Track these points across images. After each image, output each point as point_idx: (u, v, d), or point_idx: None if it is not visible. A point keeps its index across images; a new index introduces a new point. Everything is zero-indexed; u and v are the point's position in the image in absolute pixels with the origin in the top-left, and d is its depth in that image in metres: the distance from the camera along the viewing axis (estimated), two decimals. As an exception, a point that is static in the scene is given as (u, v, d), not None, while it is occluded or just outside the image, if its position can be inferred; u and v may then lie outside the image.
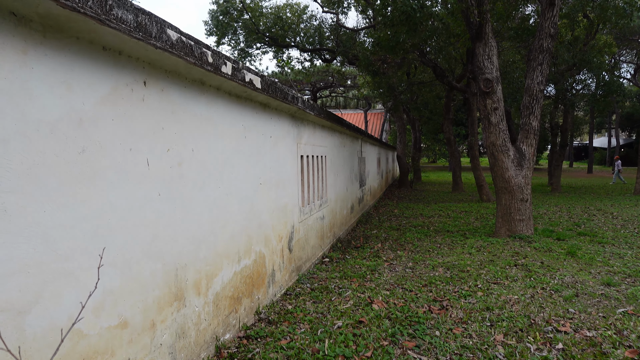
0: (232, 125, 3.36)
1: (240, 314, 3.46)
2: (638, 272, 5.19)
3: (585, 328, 3.56)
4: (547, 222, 9.09)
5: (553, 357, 3.05)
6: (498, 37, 11.48)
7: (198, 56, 2.58)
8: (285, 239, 4.61)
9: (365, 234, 8.19)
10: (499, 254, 6.23)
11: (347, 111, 34.99)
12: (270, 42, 15.42)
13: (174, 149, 2.56)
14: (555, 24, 7.24)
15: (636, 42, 22.90)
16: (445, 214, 10.74)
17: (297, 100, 4.54)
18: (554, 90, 16.73)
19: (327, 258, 6.18)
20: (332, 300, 4.26)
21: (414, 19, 6.91)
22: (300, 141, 5.22)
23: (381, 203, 13.70)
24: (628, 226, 8.55)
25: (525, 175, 7.42)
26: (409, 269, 5.50)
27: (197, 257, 2.84)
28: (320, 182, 6.22)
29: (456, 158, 17.53)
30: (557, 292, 4.48)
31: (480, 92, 7.37)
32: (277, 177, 4.34)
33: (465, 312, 3.93)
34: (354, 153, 9.41)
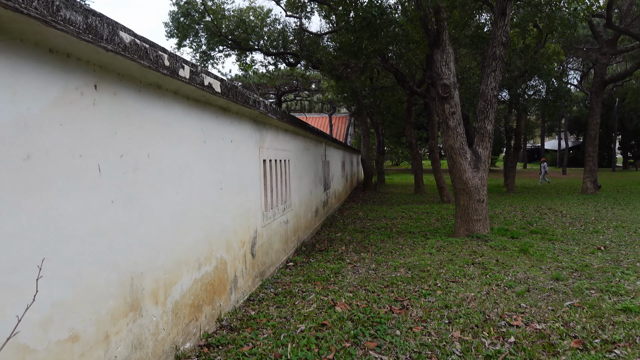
0: (191, 129, 3.32)
1: (201, 322, 3.41)
2: (584, 267, 5.49)
3: (536, 321, 3.73)
4: (502, 222, 9.44)
5: (506, 350, 3.18)
6: (455, 44, 11.86)
7: (154, 59, 2.54)
8: (248, 244, 4.58)
9: (329, 237, 8.24)
10: (457, 253, 6.42)
11: (312, 115, 35.12)
12: (233, 45, 15.28)
13: (128, 155, 2.50)
14: (507, 33, 7.56)
15: (582, 50, 24.21)
16: (407, 216, 10.96)
17: (259, 104, 4.53)
18: (507, 96, 17.42)
19: (292, 262, 6.18)
20: (295, 305, 4.26)
21: (375, 25, 7.05)
22: (263, 145, 5.21)
23: (346, 206, 13.82)
24: (575, 224, 9.02)
25: (482, 176, 7.69)
26: (371, 271, 5.58)
27: (154, 266, 2.78)
28: (283, 186, 6.22)
29: (418, 161, 17.92)
30: (511, 288, 4.67)
31: (438, 97, 7.59)
32: (238, 182, 4.31)
33: (425, 310, 4.03)
34: (318, 157, 9.46)
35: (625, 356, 3.08)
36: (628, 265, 5.63)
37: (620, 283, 4.80)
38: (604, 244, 6.93)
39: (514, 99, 16.86)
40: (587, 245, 6.88)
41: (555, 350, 3.19)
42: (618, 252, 6.37)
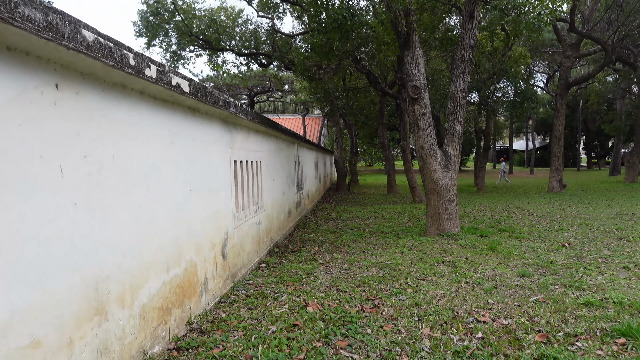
0: (159, 130, 3.27)
1: (170, 325, 3.36)
2: (549, 263, 5.68)
3: (502, 317, 3.83)
4: (472, 220, 9.66)
5: (473, 345, 3.25)
6: (425, 46, 12.07)
7: (118, 58, 2.49)
8: (219, 246, 4.53)
9: (302, 238, 8.24)
10: (428, 252, 6.52)
11: (285, 116, 35.04)
12: (204, 45, 15.09)
13: (92, 156, 2.44)
14: (475, 36, 7.74)
15: (547, 53, 25.04)
16: (380, 216, 11.07)
17: (229, 104, 4.50)
18: (477, 97, 17.85)
19: (264, 263, 6.15)
20: (267, 306, 4.24)
21: (346, 26, 7.10)
22: (234, 146, 5.17)
23: (319, 207, 13.85)
24: (542, 222, 9.31)
25: (452, 176, 7.84)
26: (344, 271, 5.62)
27: (120, 269, 2.72)
28: (255, 187, 6.19)
29: (390, 161, 18.14)
30: (479, 285, 4.78)
31: (409, 98, 7.70)
32: (208, 183, 4.27)
33: (396, 309, 4.09)
34: (290, 158, 9.45)
35: (586, 348, 3.21)
36: (590, 261, 5.85)
37: (583, 278, 4.99)
38: (568, 241, 7.18)
39: (483, 100, 17.29)
40: (552, 243, 7.11)
41: (520, 345, 3.29)
42: (581, 249, 6.61)
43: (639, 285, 4.69)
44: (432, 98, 16.29)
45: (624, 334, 3.34)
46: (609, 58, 16.31)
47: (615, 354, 3.09)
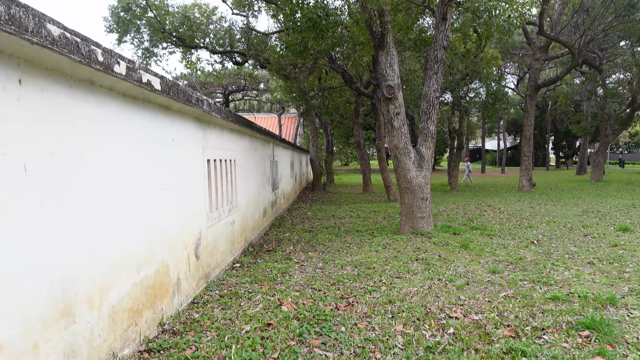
0: (129, 128, 3.20)
1: (141, 327, 3.29)
2: (518, 260, 5.83)
3: (473, 312, 3.92)
4: (445, 219, 9.83)
5: (445, 341, 3.31)
6: (400, 46, 12.22)
7: (86, 54, 2.42)
8: (192, 245, 4.47)
9: (277, 237, 8.22)
10: (402, 250, 6.60)
11: (260, 115, 34.84)
12: (177, 42, 14.85)
13: (58, 154, 2.37)
14: (448, 37, 7.88)
15: (518, 55, 25.69)
16: (355, 215, 11.14)
17: (202, 102, 4.44)
18: (450, 98, 18.16)
19: (238, 263, 6.10)
20: (241, 306, 4.22)
21: (320, 25, 7.11)
22: (207, 145, 5.11)
23: (295, 206, 13.83)
24: (512, 219, 9.56)
25: (425, 175, 7.96)
26: (319, 269, 5.63)
27: (89, 270, 2.65)
28: (229, 186, 6.13)
29: (366, 161, 18.26)
30: (451, 282, 4.87)
31: (383, 98, 7.77)
32: (181, 182, 4.20)
33: (370, 306, 4.13)
34: (265, 157, 9.41)
35: (552, 341, 3.31)
36: (558, 257, 6.04)
37: (550, 274, 5.14)
38: (537, 238, 7.39)
39: (456, 101, 17.60)
40: (521, 240, 7.30)
41: (490, 339, 3.37)
42: (549, 246, 6.81)
43: (602, 280, 4.87)
44: (406, 98, 16.50)
45: (587, 327, 3.47)
46: (576, 61, 16.85)
47: (579, 346, 3.21)
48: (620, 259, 5.77)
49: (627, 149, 58.37)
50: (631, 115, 21.86)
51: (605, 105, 23.01)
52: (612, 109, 24.20)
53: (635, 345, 3.20)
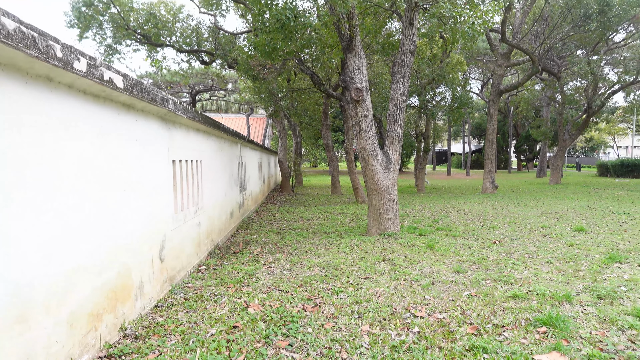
0: (89, 126, 3.09)
1: (101, 332, 3.19)
2: (481, 260, 6.00)
3: (438, 311, 4.00)
4: (412, 220, 10.00)
5: (410, 340, 3.37)
6: (368, 50, 12.36)
7: (43, 49, 2.33)
8: (156, 248, 4.37)
9: (245, 239, 8.14)
10: (369, 251, 6.67)
11: (228, 115, 34.45)
12: (142, 39, 14.49)
13: (12, 152, 2.27)
14: (414, 42, 8.03)
15: (482, 61, 26.48)
16: (323, 216, 11.17)
17: (167, 102, 4.35)
18: (417, 101, 18.51)
19: (204, 266, 6.00)
20: (206, 309, 4.15)
21: (289, 27, 7.10)
22: (173, 145, 5.00)
23: (263, 208, 13.74)
24: (475, 220, 9.83)
25: (392, 177, 8.07)
26: (286, 271, 5.61)
27: (46, 273, 2.55)
28: (195, 187, 6.03)
29: (334, 162, 18.35)
30: (417, 282, 4.96)
31: (351, 101, 7.84)
32: (144, 183, 4.10)
33: (337, 307, 4.14)
34: (233, 158, 9.30)
35: (512, 337, 3.42)
36: (518, 257, 6.25)
37: (511, 273, 5.31)
38: (499, 239, 7.63)
39: (423, 104, 17.96)
40: (484, 240, 7.51)
41: (453, 337, 3.44)
42: (510, 246, 7.04)
43: (559, 278, 5.08)
44: (374, 101, 16.71)
45: (545, 323, 3.60)
46: (536, 68, 17.52)
47: (537, 342, 3.33)
48: (576, 258, 6.03)
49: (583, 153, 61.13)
50: (587, 121, 22.92)
51: (563, 111, 24.02)
52: (570, 115, 25.29)
53: (588, 339, 3.35)
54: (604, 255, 6.11)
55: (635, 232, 7.97)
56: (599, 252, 6.39)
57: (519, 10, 17.73)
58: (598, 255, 6.16)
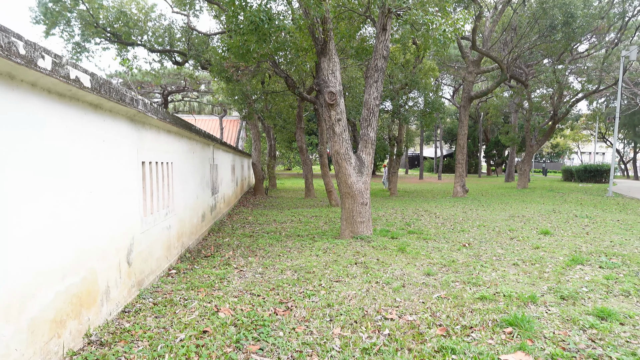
0: (54, 127, 3.00)
1: (64, 339, 3.08)
2: (451, 262, 6.11)
3: (408, 313, 4.05)
4: (384, 223, 10.10)
5: (380, 342, 3.40)
6: (342, 54, 12.44)
7: (5, 46, 2.25)
8: (124, 251, 4.26)
9: (216, 243, 8.03)
10: (342, 254, 6.69)
11: (201, 117, 34.02)
12: (112, 38, 14.14)
13: (-31, 152, 2.17)
14: (388, 47, 8.13)
15: (453, 68, 27.06)
16: (297, 219, 11.15)
17: (137, 102, 4.26)
18: (390, 106, 18.75)
19: (174, 270, 5.89)
20: (176, 313, 4.07)
21: (263, 29, 7.07)
22: (142, 146, 4.90)
23: (236, 210, 13.61)
24: (446, 224, 10.01)
25: (365, 181, 8.14)
26: (258, 275, 5.56)
27: (5, 278, 2.45)
28: (166, 190, 5.91)
29: (308, 166, 18.37)
30: (388, 285, 5.01)
31: (325, 104, 7.87)
32: (112, 185, 4.00)
33: (309, 310, 4.14)
34: (205, 160, 9.18)
35: (479, 338, 3.50)
36: (486, 259, 6.40)
37: (479, 275, 5.44)
38: (469, 242, 7.79)
39: (396, 109, 18.21)
40: (454, 243, 7.66)
41: (423, 339, 3.49)
42: (479, 248, 7.20)
43: (525, 280, 5.22)
44: (348, 105, 16.83)
45: (511, 324, 3.70)
46: (505, 75, 18.03)
47: (503, 342, 3.41)
48: (541, 260, 6.22)
49: (549, 159, 63.21)
50: (552, 127, 23.72)
51: (530, 118, 24.80)
52: (537, 122, 26.14)
53: (551, 339, 3.45)
54: (567, 258, 6.33)
55: (596, 235, 8.29)
56: (563, 254, 6.62)
57: (488, 19, 18.23)
58: (562, 258, 6.38)
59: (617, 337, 3.50)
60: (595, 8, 18.15)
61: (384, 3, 7.48)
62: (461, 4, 16.46)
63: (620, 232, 8.70)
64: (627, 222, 10.14)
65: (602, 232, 8.71)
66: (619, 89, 18.33)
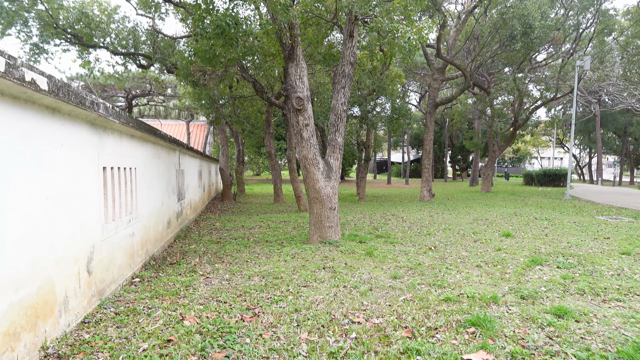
0: (8, 130, 2.87)
1: (18, 353, 2.94)
2: (417, 265, 6.22)
3: (375, 316, 4.09)
4: (352, 228, 10.17)
5: (347, 346, 3.41)
6: (310, 60, 12.51)
7: (-48, 45, 2.14)
8: (84, 260, 4.11)
9: (182, 250, 7.87)
10: (310, 259, 6.69)
11: (167, 121, 33.35)
12: (73, 39, 13.69)
13: None
14: (355, 54, 8.24)
15: (419, 75, 27.67)
16: (265, 225, 11.07)
17: (98, 106, 4.14)
18: (359, 112, 18.97)
19: (138, 278, 5.73)
20: (139, 323, 3.96)
21: (229, 34, 7.03)
22: (103, 151, 4.76)
23: (203, 217, 13.39)
24: (413, 228, 10.19)
25: (333, 186, 8.18)
26: (225, 281, 5.49)
27: (-49, 290, 2.32)
28: (129, 196, 5.76)
29: (277, 171, 18.30)
30: (356, 289, 5.04)
31: (293, 109, 7.88)
32: (71, 192, 3.86)
33: (276, 316, 4.11)
34: (171, 165, 9.00)
35: (444, 339, 3.57)
36: (451, 261, 6.54)
37: (444, 277, 5.55)
38: (434, 245, 7.95)
39: (364, 114, 18.43)
40: (421, 246, 7.79)
41: (389, 341, 3.53)
42: (444, 251, 7.36)
43: (488, 281, 5.37)
44: (316, 110, 16.91)
45: (473, 324, 3.80)
46: (468, 83, 18.58)
47: (466, 342, 3.49)
48: (503, 262, 6.42)
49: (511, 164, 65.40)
50: (513, 133, 24.60)
51: (493, 124, 25.63)
52: (499, 128, 27.04)
53: (511, 337, 3.57)
54: (527, 259, 6.56)
55: (554, 237, 8.63)
56: (523, 255, 6.85)
57: (452, 28, 18.76)
58: (522, 259, 6.60)
59: (572, 333, 3.65)
60: (551, 20, 19.00)
61: (351, 10, 7.58)
62: (426, 13, 16.89)
63: (576, 233, 9.09)
64: (582, 223, 10.61)
65: (560, 233, 9.07)
66: (574, 97, 19.22)
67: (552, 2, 19.64)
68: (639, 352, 3.16)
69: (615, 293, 4.82)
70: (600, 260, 6.39)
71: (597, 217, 12.08)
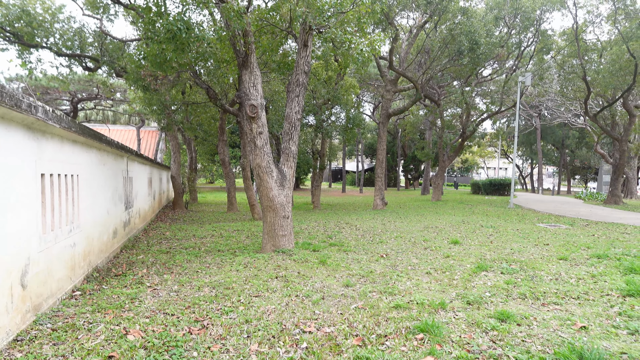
0: None
1: (-63, 376, 2.69)
2: (369, 273, 6.29)
3: (326, 325, 4.09)
4: (306, 236, 10.16)
5: (298, 356, 3.38)
6: (265, 67, 12.47)
7: None
8: (17, 273, 3.84)
9: (129, 260, 7.55)
10: (263, 268, 6.61)
11: (116, 127, 32.11)
12: (12, 38, 12.91)
13: None
14: (309, 63, 8.29)
15: (373, 86, 28.28)
16: (218, 234, 10.84)
17: (36, 109, 3.92)
18: (314, 120, 19.09)
19: (79, 291, 5.43)
20: (78, 339, 3.74)
21: (181, 39, 6.88)
22: (42, 157, 4.49)
23: (152, 226, 12.93)
24: (366, 236, 10.32)
25: (287, 194, 8.15)
26: (173, 293, 5.31)
27: None
28: (71, 204, 5.46)
29: (231, 179, 18.03)
30: (308, 298, 5.03)
31: (246, 117, 7.80)
32: (4, 200, 3.61)
33: (225, 327, 4.02)
34: (118, 172, 8.63)
35: (393, 346, 3.62)
36: (402, 269, 6.67)
37: (395, 285, 5.64)
38: (386, 252, 8.08)
39: (318, 123, 18.57)
40: (373, 254, 7.90)
41: (340, 350, 3.54)
42: (396, 259, 7.49)
43: (436, 288, 5.52)
44: (271, 118, 16.85)
45: (422, 330, 3.88)
46: (419, 95, 19.19)
47: (415, 348, 3.56)
48: (451, 268, 6.63)
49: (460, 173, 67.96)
50: (462, 144, 25.61)
51: (443, 135, 26.56)
52: (448, 138, 28.05)
53: (458, 342, 3.67)
54: (473, 265, 6.80)
55: (499, 244, 9.02)
56: (470, 262, 7.10)
57: (404, 42, 19.35)
58: (469, 265, 6.84)
59: (514, 337, 3.81)
60: (496, 37, 20.06)
61: (305, 20, 7.63)
62: (379, 26, 17.33)
63: (519, 240, 9.55)
64: (524, 231, 11.17)
65: (504, 240, 9.49)
66: (517, 111, 20.31)
67: (496, 20, 20.76)
68: (574, 353, 3.35)
69: (554, 297, 5.09)
70: (540, 266, 6.73)
71: (537, 225, 12.76)
